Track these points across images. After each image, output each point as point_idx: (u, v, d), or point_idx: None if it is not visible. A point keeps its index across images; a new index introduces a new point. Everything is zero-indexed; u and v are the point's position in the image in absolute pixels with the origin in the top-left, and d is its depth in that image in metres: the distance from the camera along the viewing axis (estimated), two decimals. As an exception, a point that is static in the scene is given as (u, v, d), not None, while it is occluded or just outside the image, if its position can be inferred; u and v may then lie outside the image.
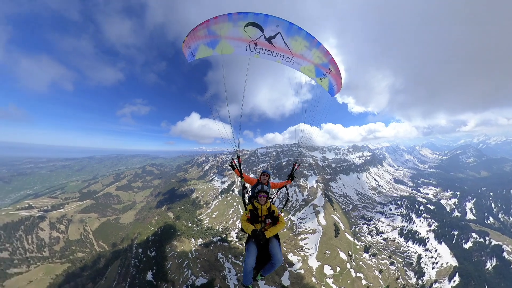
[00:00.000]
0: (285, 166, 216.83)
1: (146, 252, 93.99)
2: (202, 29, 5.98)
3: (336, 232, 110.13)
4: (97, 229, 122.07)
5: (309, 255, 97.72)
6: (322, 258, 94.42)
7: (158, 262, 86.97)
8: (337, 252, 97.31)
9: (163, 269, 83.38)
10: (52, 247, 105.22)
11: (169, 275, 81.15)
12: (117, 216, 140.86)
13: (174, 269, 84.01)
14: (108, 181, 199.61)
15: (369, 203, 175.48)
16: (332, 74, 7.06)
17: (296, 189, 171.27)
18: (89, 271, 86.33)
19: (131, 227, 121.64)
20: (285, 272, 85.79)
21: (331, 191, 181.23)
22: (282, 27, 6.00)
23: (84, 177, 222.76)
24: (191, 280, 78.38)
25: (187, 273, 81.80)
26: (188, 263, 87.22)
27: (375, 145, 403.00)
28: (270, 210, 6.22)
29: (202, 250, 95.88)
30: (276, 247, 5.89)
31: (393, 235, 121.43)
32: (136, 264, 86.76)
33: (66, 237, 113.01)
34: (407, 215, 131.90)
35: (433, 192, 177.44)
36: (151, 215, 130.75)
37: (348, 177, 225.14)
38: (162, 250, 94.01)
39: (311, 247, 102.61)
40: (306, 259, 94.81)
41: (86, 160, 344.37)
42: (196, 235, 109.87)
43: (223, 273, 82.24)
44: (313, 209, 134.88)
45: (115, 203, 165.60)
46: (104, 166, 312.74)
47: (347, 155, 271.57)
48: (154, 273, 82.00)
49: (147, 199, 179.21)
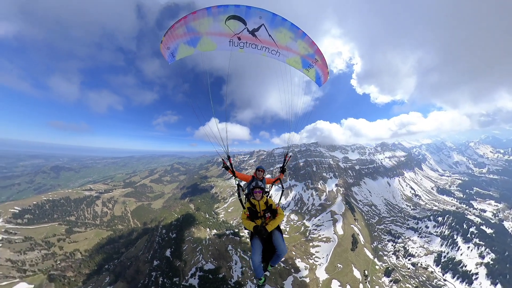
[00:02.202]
0: (303, 167, 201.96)
1: (168, 233, 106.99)
2: (180, 26, 5.61)
3: (354, 245, 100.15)
4: (134, 210, 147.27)
5: (318, 264, 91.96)
6: (332, 271, 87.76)
7: (176, 243, 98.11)
8: (350, 267, 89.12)
9: (179, 250, 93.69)
10: (102, 218, 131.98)
11: (183, 255, 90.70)
12: (149, 202, 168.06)
13: (189, 251, 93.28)
14: (144, 175, 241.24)
15: (400, 216, 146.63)
16: (318, 64, 6.91)
17: (313, 192, 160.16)
18: (124, 239, 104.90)
19: (159, 212, 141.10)
20: (289, 276, 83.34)
21: (353, 197, 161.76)
22: (265, 19, 5.74)
23: (127, 171, 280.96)
24: (200, 263, 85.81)
25: (198, 257, 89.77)
26: (201, 248, 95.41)
27: (411, 142, 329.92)
28: (267, 204, 6.25)
29: (215, 239, 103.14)
30: (279, 238, 6.00)
31: (427, 261, 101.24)
32: (159, 241, 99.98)
33: (112, 213, 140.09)
34: (449, 238, 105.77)
35: (492, 209, 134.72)
36: (176, 204, 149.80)
37: (375, 182, 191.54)
38: (181, 234, 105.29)
39: (322, 257, 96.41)
40: (314, 268, 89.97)
41: (128, 158, 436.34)
42: (211, 225, 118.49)
43: (230, 264, 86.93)
44: (331, 216, 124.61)
45: (149, 192, 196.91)
46: (141, 163, 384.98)
47: (374, 155, 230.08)
48: (172, 251, 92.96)
49: (174, 191, 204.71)
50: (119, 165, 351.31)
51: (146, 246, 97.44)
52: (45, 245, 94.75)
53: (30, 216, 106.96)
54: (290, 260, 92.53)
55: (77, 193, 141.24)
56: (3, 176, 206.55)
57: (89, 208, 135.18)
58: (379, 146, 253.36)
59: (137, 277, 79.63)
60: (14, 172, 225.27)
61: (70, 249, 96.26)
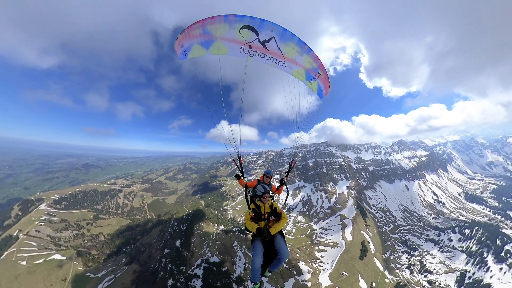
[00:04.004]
0: (312, 168, 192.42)
1: (179, 226, 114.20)
2: (197, 28, 5.97)
3: (363, 253, 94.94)
4: (150, 203, 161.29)
5: (322, 269, 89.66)
6: (336, 278, 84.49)
7: (186, 235, 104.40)
8: (356, 277, 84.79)
9: (188, 241, 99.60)
10: (123, 209, 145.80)
11: (191, 247, 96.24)
12: (164, 197, 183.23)
13: (197, 244, 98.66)
14: (160, 173, 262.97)
15: (418, 225, 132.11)
16: (321, 78, 7.30)
17: (322, 194, 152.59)
18: (140, 228, 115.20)
19: (172, 206, 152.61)
20: (290, 278, 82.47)
21: (366, 201, 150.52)
22: (276, 32, 6.16)
23: (145, 169, 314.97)
24: (206, 256, 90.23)
25: (205, 250, 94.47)
26: (208, 242, 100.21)
27: (435, 140, 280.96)
28: (272, 207, 6.31)
29: (222, 235, 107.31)
30: (281, 242, 6.04)
31: (446, 281, 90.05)
32: (170, 232, 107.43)
33: (131, 205, 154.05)
34: (477, 255, 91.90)
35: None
36: (187, 200, 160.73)
37: (392, 185, 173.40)
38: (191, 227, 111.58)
39: (327, 262, 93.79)
40: (317, 273, 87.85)
41: (146, 158, 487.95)
42: (219, 222, 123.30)
43: (234, 259, 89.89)
44: (340, 220, 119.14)
45: (164, 188, 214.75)
46: (157, 163, 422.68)
47: (391, 155, 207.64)
48: (181, 242, 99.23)
49: (186, 188, 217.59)
50: (138, 164, 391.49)
51: (159, 236, 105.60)
52: (76, 227, 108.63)
53: (66, 203, 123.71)
54: (293, 262, 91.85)
55: (103, 187, 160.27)
56: (46, 171, 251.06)
57: (113, 200, 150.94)
58: (396, 144, 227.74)
59: (149, 261, 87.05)
60: (54, 168, 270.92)
61: (96, 232, 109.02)
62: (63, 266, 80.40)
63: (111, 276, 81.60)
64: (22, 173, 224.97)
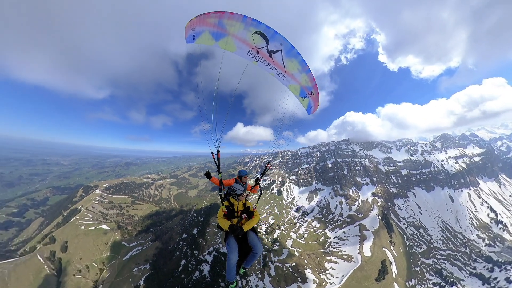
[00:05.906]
0: (331, 169, 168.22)
1: (198, 217, 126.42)
2: (214, 17, 6.04)
3: (381, 275, 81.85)
4: (175, 195, 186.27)
5: (329, 282, 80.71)
6: None
7: (203, 225, 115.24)
8: (369, 299, 74.42)
9: (204, 230, 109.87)
10: (154, 198, 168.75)
11: (206, 236, 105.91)
12: (187, 191, 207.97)
13: (211, 234, 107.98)
14: (184, 170, 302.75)
15: (463, 252, 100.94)
16: (312, 97, 7.78)
17: (342, 199, 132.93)
18: (165, 214, 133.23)
19: (193, 199, 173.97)
20: (293, 284, 78.56)
21: (394, 212, 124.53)
22: (284, 47, 6.46)
23: (171, 167, 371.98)
24: (218, 245, 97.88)
25: (217, 240, 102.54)
26: (221, 234, 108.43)
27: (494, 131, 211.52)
28: (245, 205, 6.52)
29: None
30: (254, 238, 6.19)
31: None
32: (190, 221, 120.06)
33: (160, 195, 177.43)
34: None
35: None
36: (207, 194, 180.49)
37: (430, 194, 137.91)
38: (208, 219, 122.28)
39: (336, 276, 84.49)
40: (323, 285, 79.51)
41: (173, 158, 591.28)
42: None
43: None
44: (359, 231, 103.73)
45: (187, 183, 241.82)
46: (182, 162, 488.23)
47: (431, 155, 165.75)
48: (198, 230, 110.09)
49: (206, 184, 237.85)
50: (166, 162, 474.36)
51: (180, 222, 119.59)
52: (119, 207, 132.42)
53: (113, 190, 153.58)
54: (300, 268, 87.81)
55: (139, 180, 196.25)
56: (100, 166, 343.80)
57: (146, 190, 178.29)
58: (438, 140, 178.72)
59: (169, 242, 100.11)
60: (105, 165, 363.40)
61: (132, 213, 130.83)
62: (107, 234, 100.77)
63: (139, 248, 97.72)
64: (84, 168, 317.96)
